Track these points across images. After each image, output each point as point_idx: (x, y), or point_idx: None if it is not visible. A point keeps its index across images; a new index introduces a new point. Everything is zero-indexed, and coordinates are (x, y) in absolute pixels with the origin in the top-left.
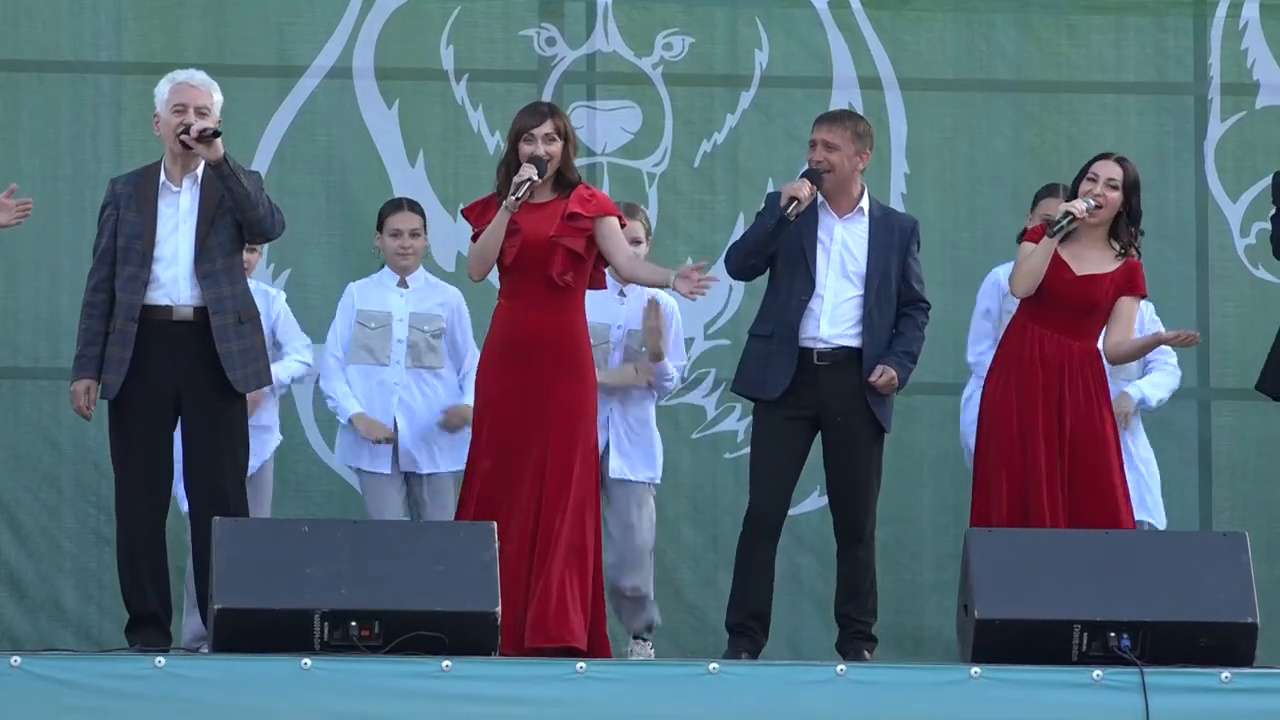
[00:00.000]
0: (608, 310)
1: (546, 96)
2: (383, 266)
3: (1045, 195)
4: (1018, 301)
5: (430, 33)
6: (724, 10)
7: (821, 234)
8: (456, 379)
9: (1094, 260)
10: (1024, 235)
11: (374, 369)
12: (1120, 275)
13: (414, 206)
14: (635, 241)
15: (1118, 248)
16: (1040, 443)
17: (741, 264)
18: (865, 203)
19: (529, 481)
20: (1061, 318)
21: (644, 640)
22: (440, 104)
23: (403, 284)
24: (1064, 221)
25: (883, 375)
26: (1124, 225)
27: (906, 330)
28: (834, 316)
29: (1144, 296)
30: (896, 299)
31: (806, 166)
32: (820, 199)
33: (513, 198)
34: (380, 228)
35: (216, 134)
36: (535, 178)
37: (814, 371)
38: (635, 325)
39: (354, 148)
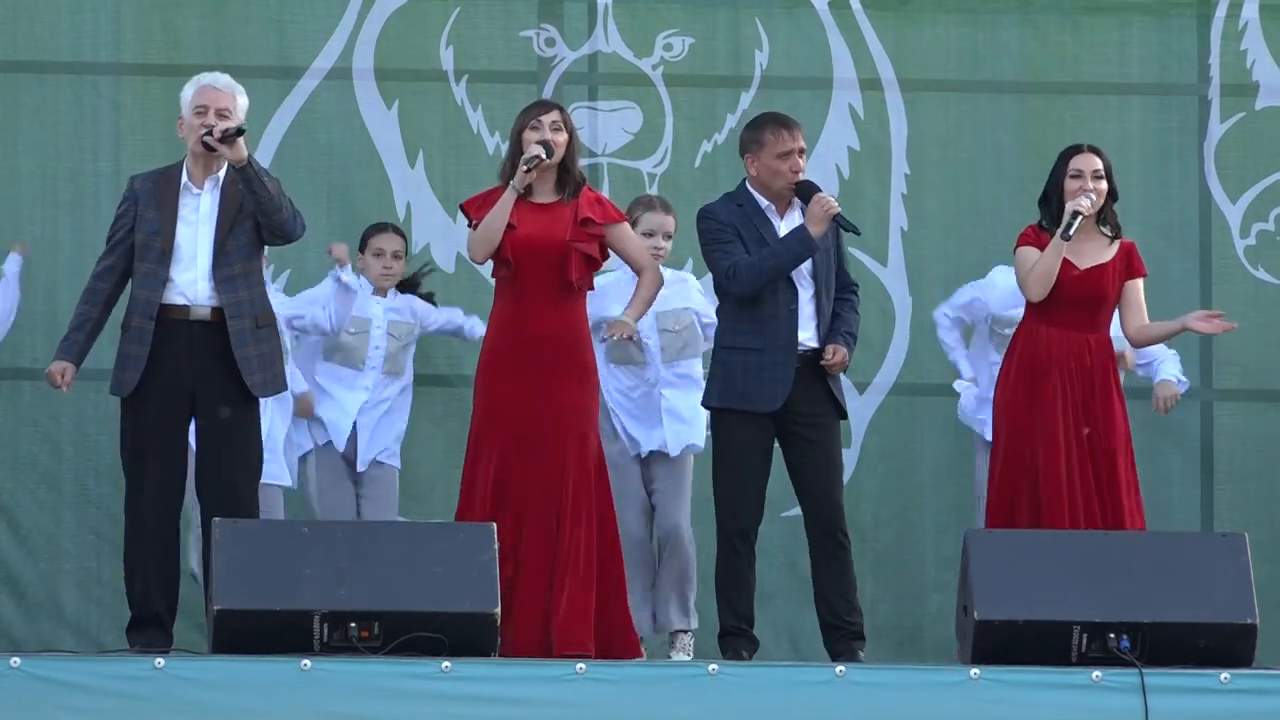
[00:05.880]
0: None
1: (546, 97)
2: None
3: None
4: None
5: (430, 33)
6: (724, 11)
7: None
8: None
9: (1092, 251)
10: (1019, 242)
11: (350, 372)
12: (1121, 260)
13: (398, 230)
14: (668, 236)
15: (1109, 233)
16: (1060, 446)
17: (762, 287)
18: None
19: (546, 485)
20: (1074, 314)
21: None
22: (440, 104)
23: (380, 293)
24: (1076, 223)
25: (836, 354)
26: (1110, 209)
27: (845, 313)
28: (803, 318)
29: (1145, 275)
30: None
31: (800, 179)
32: (767, 202)
33: (523, 170)
34: (363, 248)
35: (240, 132)
36: (544, 156)
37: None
38: (663, 307)
39: (354, 148)
